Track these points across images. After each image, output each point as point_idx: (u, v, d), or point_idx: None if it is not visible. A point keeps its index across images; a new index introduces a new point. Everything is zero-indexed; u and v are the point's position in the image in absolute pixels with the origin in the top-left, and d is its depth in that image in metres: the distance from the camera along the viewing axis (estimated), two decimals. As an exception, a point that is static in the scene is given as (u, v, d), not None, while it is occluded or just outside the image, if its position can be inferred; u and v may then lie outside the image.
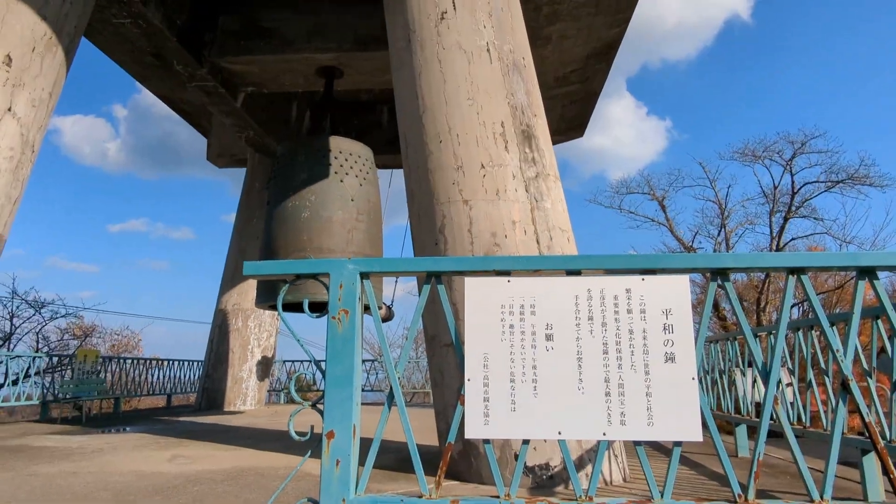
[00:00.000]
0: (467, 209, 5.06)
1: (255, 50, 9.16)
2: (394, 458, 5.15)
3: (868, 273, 2.19)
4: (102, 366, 11.97)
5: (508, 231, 4.93)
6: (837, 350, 2.07)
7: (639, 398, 2.06)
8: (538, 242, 4.96)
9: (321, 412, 2.25)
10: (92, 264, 70.27)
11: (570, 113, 13.64)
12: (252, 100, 10.82)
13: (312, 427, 2.36)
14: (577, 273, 2.25)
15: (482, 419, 2.13)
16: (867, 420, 1.98)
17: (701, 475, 4.74)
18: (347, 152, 8.13)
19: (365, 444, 2.17)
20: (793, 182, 17.52)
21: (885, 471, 1.96)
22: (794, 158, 17.34)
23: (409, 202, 5.69)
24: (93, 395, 10.87)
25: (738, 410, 6.21)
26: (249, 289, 11.98)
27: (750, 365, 6.18)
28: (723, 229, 18.40)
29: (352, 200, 7.86)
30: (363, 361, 18.54)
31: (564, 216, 5.38)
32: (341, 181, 7.88)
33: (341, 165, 7.97)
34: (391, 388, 2.27)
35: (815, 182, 17.37)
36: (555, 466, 4.29)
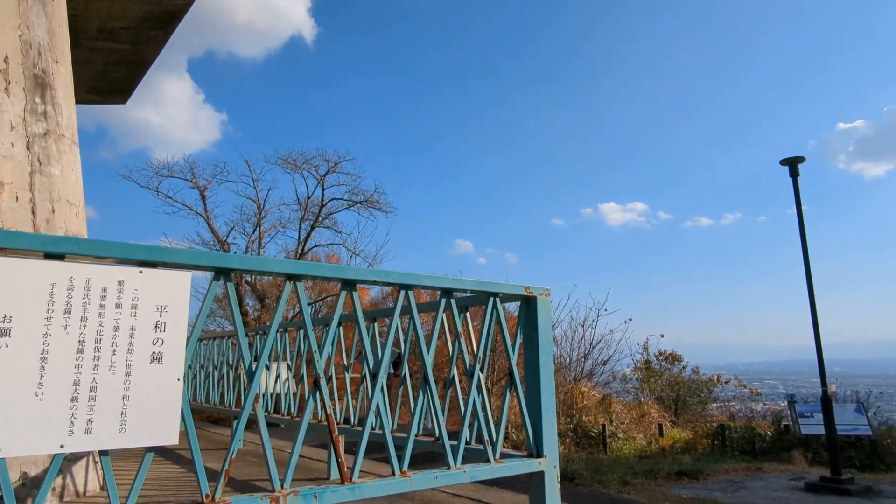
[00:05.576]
0: (-71, 154, 3.79)
1: None
2: None
3: (350, 284, 2.55)
4: None
5: (-8, 193, 3.91)
6: (315, 352, 2.34)
7: (113, 403, 1.86)
8: (34, 214, 4.10)
9: None
10: None
11: (114, 73, 12.00)
12: None
13: None
14: (59, 257, 1.90)
15: None
16: (328, 413, 2.28)
17: (192, 472, 4.70)
18: None
19: None
20: (323, 196, 19.69)
21: (336, 454, 2.29)
22: (326, 175, 19.53)
23: None
24: None
25: (238, 404, 6.47)
26: None
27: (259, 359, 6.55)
28: (258, 229, 19.24)
29: None
30: None
31: (77, 188, 4.62)
32: None
33: None
34: None
35: (339, 199, 19.94)
36: (34, 476, 3.56)
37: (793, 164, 10.06)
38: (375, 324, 4.21)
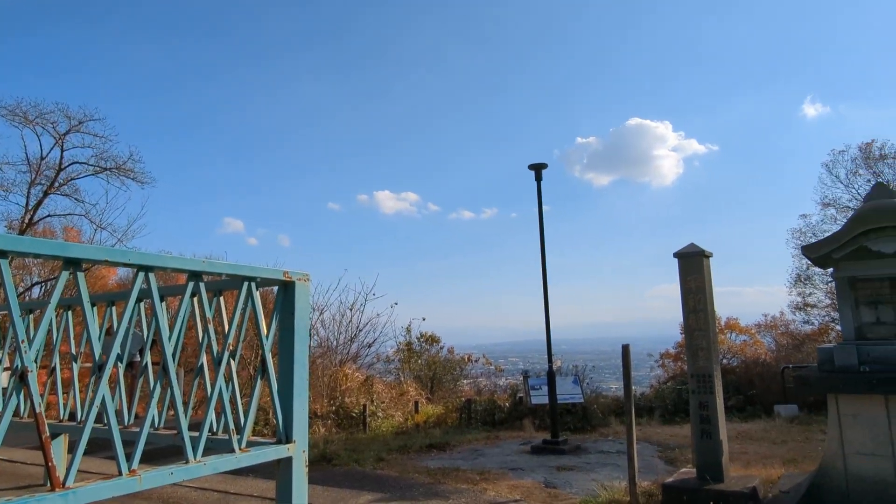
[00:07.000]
0: None
1: None
2: None
3: (75, 264, 2.24)
4: None
5: None
6: (22, 341, 2.01)
7: None
8: None
9: None
10: None
11: None
12: None
13: None
14: None
15: None
16: (37, 411, 1.99)
17: None
18: None
19: None
20: (62, 157, 16.85)
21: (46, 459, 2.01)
22: (68, 134, 16.74)
23: None
24: None
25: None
26: None
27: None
28: (-31, 191, 15.72)
29: None
30: None
31: None
32: None
33: None
34: None
35: (83, 163, 17.25)
36: None
37: (537, 169, 11.46)
38: (113, 308, 3.77)
